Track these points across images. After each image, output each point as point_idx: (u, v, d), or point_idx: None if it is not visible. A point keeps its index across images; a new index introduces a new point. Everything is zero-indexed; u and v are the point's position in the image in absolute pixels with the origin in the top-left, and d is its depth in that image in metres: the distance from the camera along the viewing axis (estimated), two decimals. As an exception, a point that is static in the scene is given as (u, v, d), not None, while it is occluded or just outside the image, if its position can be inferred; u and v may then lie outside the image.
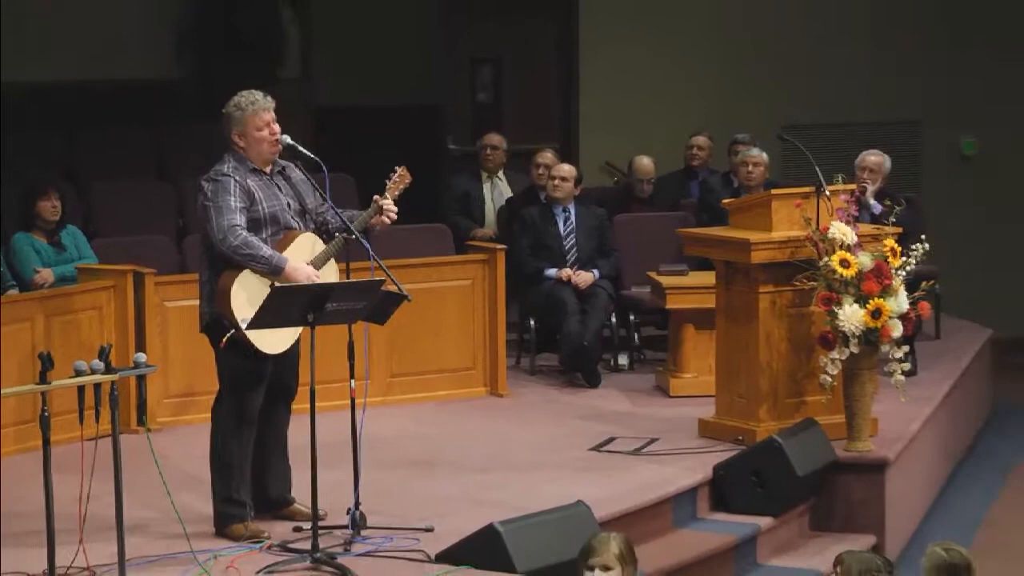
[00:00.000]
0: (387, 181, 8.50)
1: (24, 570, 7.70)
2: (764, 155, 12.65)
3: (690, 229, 11.16)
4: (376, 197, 8.44)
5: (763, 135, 13.20)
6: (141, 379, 7.28)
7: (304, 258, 8.29)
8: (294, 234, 8.34)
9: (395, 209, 8.43)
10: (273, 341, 8.22)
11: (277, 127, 8.34)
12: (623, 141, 14.48)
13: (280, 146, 8.36)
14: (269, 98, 8.37)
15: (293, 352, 8.42)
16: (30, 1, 13.12)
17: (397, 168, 8.56)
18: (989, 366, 13.37)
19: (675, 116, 14.84)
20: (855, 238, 9.70)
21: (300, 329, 8.17)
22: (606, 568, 6.74)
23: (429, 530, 8.38)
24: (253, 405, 8.41)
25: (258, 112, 8.33)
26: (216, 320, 8.28)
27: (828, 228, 9.70)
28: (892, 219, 10.22)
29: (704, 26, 15.58)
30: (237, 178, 8.24)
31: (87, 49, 13.96)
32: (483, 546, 7.96)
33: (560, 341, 11.88)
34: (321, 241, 8.41)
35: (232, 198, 8.18)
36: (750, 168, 12.56)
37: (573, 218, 12.09)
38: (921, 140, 16.20)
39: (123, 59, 14.16)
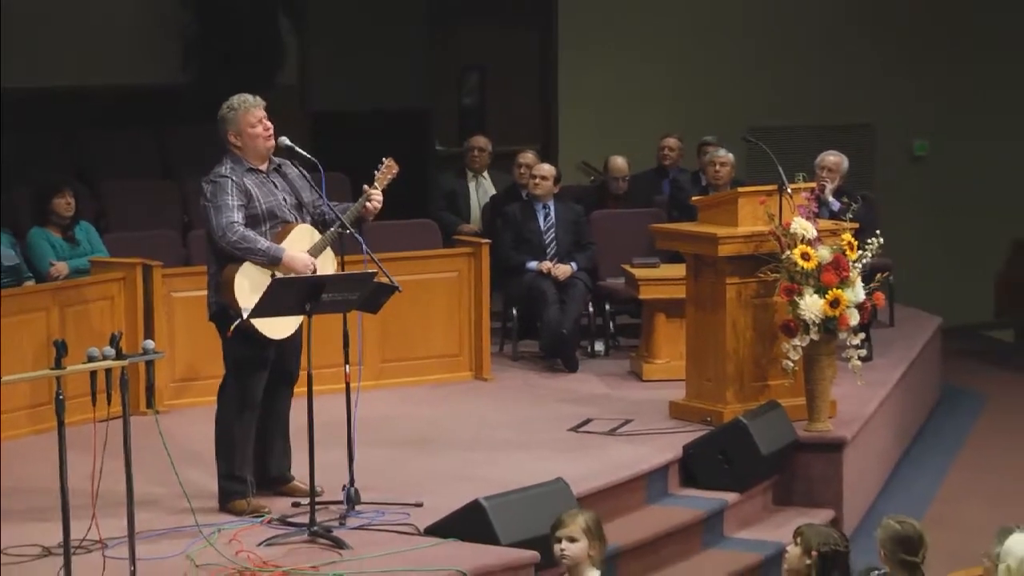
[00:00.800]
0: (376, 172, 8.50)
1: (40, 542, 7.72)
2: (730, 155, 12.66)
3: (661, 224, 11.15)
4: (365, 186, 8.45)
5: (730, 137, 13.20)
6: (149, 364, 7.26)
7: (301, 248, 8.29)
8: (291, 226, 8.35)
9: (380, 197, 8.43)
10: (277, 328, 8.23)
11: (269, 123, 8.34)
12: (599, 142, 14.47)
13: (274, 142, 8.36)
14: (259, 98, 8.39)
15: (295, 339, 8.42)
16: (44, 10, 13.07)
17: (384, 160, 8.55)
18: (939, 352, 13.38)
19: (647, 119, 14.83)
20: (815, 233, 9.71)
21: (302, 317, 8.16)
22: (572, 539, 6.72)
23: (419, 505, 8.38)
24: (256, 389, 8.41)
25: (249, 110, 8.33)
26: (222, 309, 8.29)
27: (790, 224, 9.70)
28: (849, 215, 10.23)
29: (674, 36, 15.60)
30: (234, 178, 8.25)
31: (97, 57, 13.92)
32: (469, 520, 7.96)
33: (540, 329, 11.88)
34: (317, 232, 8.42)
35: (230, 197, 8.20)
36: (717, 168, 12.57)
37: (552, 214, 12.08)
38: (876, 142, 16.22)
39: (131, 66, 14.13)
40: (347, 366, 8.20)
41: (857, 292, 9.66)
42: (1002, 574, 6.15)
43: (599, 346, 12.21)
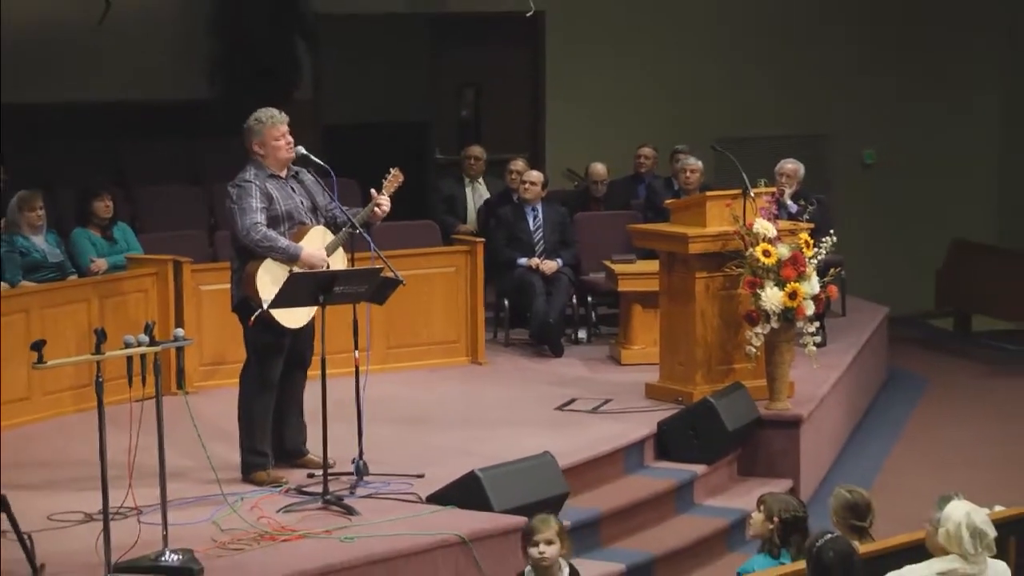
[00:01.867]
0: (383, 180, 8.49)
1: (82, 509, 7.72)
2: (700, 163, 12.64)
3: (638, 225, 11.13)
4: (373, 192, 8.44)
5: (699, 146, 13.19)
6: (179, 350, 7.25)
7: (316, 247, 8.28)
8: (307, 227, 8.33)
9: (387, 203, 8.42)
10: (293, 318, 8.22)
11: (291, 138, 8.34)
12: (581, 151, 14.45)
13: (293, 152, 8.35)
14: (283, 114, 8.37)
15: (309, 327, 8.41)
16: (87, 34, 13.04)
17: (391, 169, 8.54)
18: (885, 338, 13.38)
19: (625, 130, 14.81)
20: (775, 232, 9.70)
21: (315, 308, 8.15)
22: (549, 543, 6.63)
23: (420, 476, 8.37)
24: (274, 372, 8.40)
25: (276, 124, 8.32)
26: (244, 301, 8.28)
27: (753, 224, 9.69)
28: (806, 216, 10.23)
29: (650, 58, 15.59)
30: (257, 183, 8.24)
31: (135, 75, 13.90)
32: (466, 489, 7.96)
33: (529, 318, 11.85)
34: (330, 233, 8.40)
35: (253, 200, 8.18)
36: (688, 174, 12.56)
37: (540, 215, 12.06)
38: (830, 151, 16.21)
39: (164, 83, 14.11)
40: (356, 351, 8.19)
41: (813, 285, 9.66)
42: (942, 537, 6.15)
43: (582, 334, 12.19)
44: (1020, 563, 6.57)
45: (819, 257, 9.73)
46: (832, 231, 9.87)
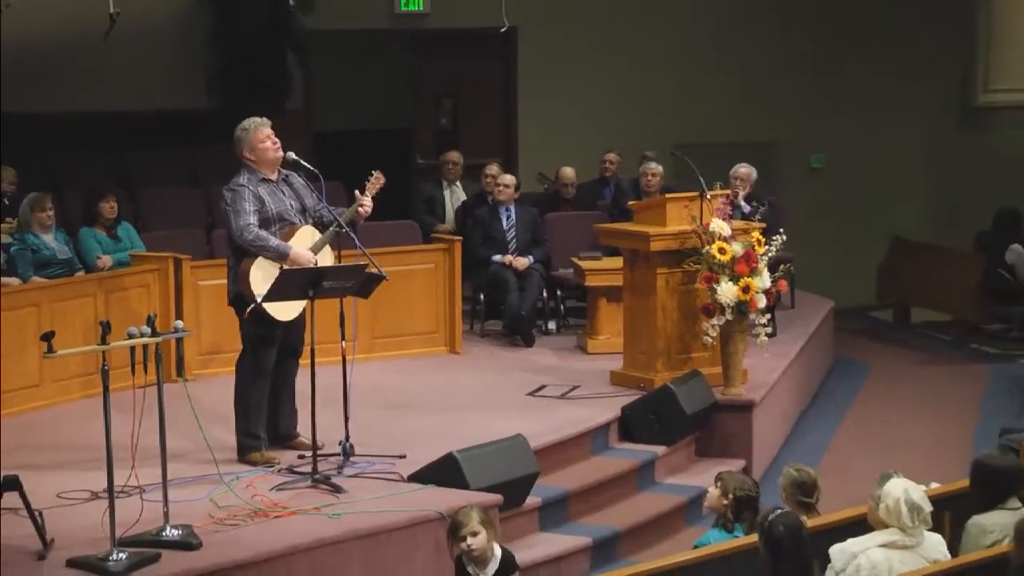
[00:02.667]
0: (366, 182, 8.48)
1: (89, 488, 7.70)
2: (660, 167, 12.65)
3: (604, 224, 11.13)
4: (357, 193, 8.43)
5: (661, 152, 13.19)
6: (179, 341, 7.23)
7: (305, 245, 8.26)
8: (296, 227, 8.32)
9: (369, 203, 8.41)
10: (285, 311, 8.21)
11: (276, 139, 8.34)
12: (552, 156, 14.42)
13: (281, 152, 8.33)
14: (265, 119, 8.38)
15: (300, 319, 8.39)
16: (94, 48, 12.97)
17: (373, 172, 8.53)
18: (831, 329, 13.41)
19: (592, 137, 14.79)
20: (730, 231, 9.71)
21: (305, 302, 8.13)
22: (475, 534, 6.44)
23: (402, 457, 8.36)
24: (268, 361, 8.39)
25: (259, 128, 8.33)
26: (239, 295, 8.26)
27: (709, 224, 9.70)
28: (758, 217, 10.25)
29: (614, 69, 15.58)
30: (250, 187, 8.23)
31: (137, 85, 13.84)
32: (444, 469, 7.96)
33: (503, 311, 11.85)
34: (318, 232, 8.38)
35: (246, 203, 8.18)
36: (650, 177, 12.57)
37: (514, 216, 12.05)
38: (779, 156, 16.22)
39: (165, 93, 14.05)
40: (343, 342, 8.18)
41: (764, 280, 9.67)
42: (882, 512, 6.17)
43: (552, 325, 12.19)
44: (955, 535, 6.59)
45: (770, 254, 9.75)
46: (782, 230, 9.89)
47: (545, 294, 12.07)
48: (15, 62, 12.66)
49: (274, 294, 7.94)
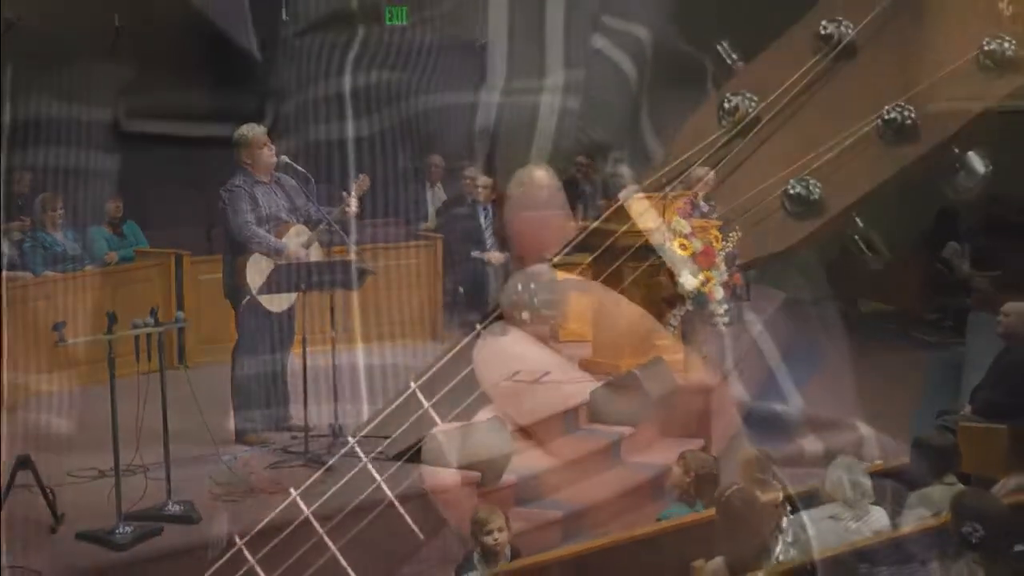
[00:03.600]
0: (352, 184, 8.48)
1: (97, 467, 7.68)
2: (629, 169, 12.62)
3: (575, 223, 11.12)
4: (344, 194, 8.43)
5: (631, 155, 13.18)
6: (180, 331, 7.27)
7: (297, 242, 8.25)
8: (288, 225, 8.32)
9: (355, 203, 8.40)
10: (278, 303, 8.20)
11: (272, 145, 8.33)
12: (526, 160, 14.40)
13: (275, 157, 8.34)
14: (263, 126, 8.37)
15: (292, 310, 8.38)
16: (102, 55, 12.91)
17: (359, 175, 8.53)
18: (785, 318, 13.41)
19: (564, 143, 14.78)
20: (690, 229, 9.72)
21: (296, 294, 8.12)
22: (501, 530, 6.69)
23: (388, 437, 8.35)
24: (262, 349, 8.37)
25: (258, 136, 8.32)
26: (235, 289, 8.25)
27: (671, 222, 9.70)
28: (715, 215, 10.25)
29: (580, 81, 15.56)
30: (246, 188, 8.23)
31: (141, 90, 13.77)
32: (427, 448, 7.96)
33: (481, 303, 11.85)
34: (308, 230, 8.38)
35: (243, 203, 8.19)
36: (616, 178, 12.54)
37: (490, 215, 12.05)
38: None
39: (168, 99, 13.98)
40: (333, 331, 8.17)
41: (722, 273, 9.69)
42: (829, 487, 6.22)
43: (526, 316, 12.16)
44: (896, 510, 6.63)
45: (727, 250, 9.76)
46: (737, 227, 9.90)
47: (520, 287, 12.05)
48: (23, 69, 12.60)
49: (268, 287, 7.94)
